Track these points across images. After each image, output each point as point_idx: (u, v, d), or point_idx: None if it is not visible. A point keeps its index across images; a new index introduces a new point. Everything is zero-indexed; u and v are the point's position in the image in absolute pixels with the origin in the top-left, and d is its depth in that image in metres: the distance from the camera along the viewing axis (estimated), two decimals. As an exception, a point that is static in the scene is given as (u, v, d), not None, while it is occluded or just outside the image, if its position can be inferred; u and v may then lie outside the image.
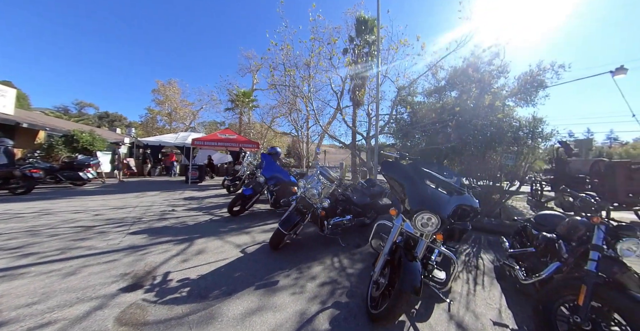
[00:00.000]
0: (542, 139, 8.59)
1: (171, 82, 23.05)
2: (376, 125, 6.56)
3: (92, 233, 3.08)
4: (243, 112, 20.23)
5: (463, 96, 9.24)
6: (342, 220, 3.26)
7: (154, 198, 6.04)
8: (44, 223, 3.49)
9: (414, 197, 1.86)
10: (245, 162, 7.53)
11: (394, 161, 2.15)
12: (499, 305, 2.17)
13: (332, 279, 2.32)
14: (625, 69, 8.22)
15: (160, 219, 3.93)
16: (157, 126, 22.98)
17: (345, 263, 2.70)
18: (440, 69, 10.16)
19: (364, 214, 3.63)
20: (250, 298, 1.90)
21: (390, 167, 2.10)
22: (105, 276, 2.06)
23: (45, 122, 11.41)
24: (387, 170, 2.10)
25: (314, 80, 9.18)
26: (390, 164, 2.12)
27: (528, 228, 2.79)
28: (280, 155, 5.28)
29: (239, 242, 3.05)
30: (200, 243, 2.92)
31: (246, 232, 3.46)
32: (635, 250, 1.66)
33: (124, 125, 32.90)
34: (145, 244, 2.79)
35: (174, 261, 2.40)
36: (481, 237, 4.13)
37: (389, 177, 2.05)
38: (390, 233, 2.05)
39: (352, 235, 3.59)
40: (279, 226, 2.62)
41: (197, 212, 4.57)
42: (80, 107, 45.77)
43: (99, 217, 3.91)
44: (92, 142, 10.36)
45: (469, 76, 9.36)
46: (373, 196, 3.78)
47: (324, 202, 2.75)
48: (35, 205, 4.75)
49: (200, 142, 10.13)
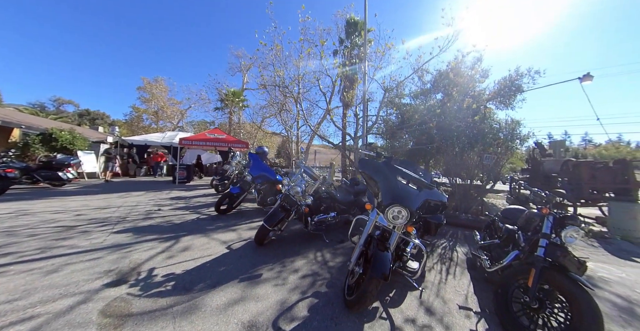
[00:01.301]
0: (520, 140, 9.09)
1: (158, 79, 22.41)
2: (364, 126, 6.75)
3: (74, 233, 3.05)
4: (233, 111, 20.01)
5: (446, 99, 9.63)
6: (327, 217, 3.39)
7: (139, 198, 5.94)
8: (22, 223, 3.41)
9: (386, 191, 2.01)
10: (233, 161, 7.54)
11: (370, 159, 2.31)
12: (466, 292, 2.37)
13: (313, 272, 2.45)
14: (591, 75, 8.85)
15: (145, 218, 3.91)
16: (142, 125, 22.29)
17: (328, 257, 2.83)
18: (426, 73, 10.54)
19: (348, 211, 3.78)
20: (234, 289, 1.99)
21: (366, 165, 2.25)
22: (89, 273, 2.09)
23: (20, 120, 10.86)
24: (363, 167, 2.25)
25: (304, 80, 9.27)
26: (366, 162, 2.27)
27: (496, 222, 3.04)
28: (267, 154, 5.35)
29: (225, 239, 3.12)
30: (186, 241, 2.97)
31: (233, 230, 3.52)
32: (576, 236, 1.89)
33: (107, 123, 31.66)
34: (130, 242, 2.81)
35: (159, 258, 2.45)
36: (458, 232, 4.39)
37: (365, 174, 2.20)
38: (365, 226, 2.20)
39: (336, 232, 3.73)
40: (264, 222, 2.72)
41: (183, 211, 4.57)
42: (58, 103, 43.52)
43: (80, 217, 3.85)
44: (72, 141, 9.97)
45: (452, 80, 9.78)
46: (357, 194, 3.94)
47: (308, 199, 2.87)
48: (10, 205, 4.58)
49: (188, 141, 9.98)
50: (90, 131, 16.95)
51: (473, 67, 9.40)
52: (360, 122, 8.74)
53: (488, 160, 7.34)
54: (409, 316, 1.86)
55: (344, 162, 15.17)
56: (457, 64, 9.72)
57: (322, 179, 3.07)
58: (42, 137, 9.57)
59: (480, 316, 1.96)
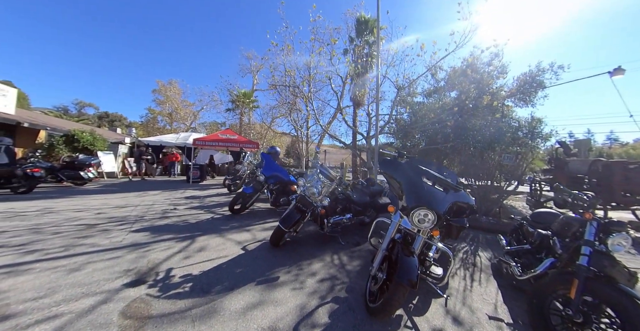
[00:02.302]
0: (541, 139, 8.65)
1: (172, 82, 23.07)
2: (376, 125, 6.60)
3: (94, 231, 3.12)
4: (244, 112, 20.28)
5: (462, 96, 9.30)
6: (342, 218, 3.31)
7: (155, 197, 6.08)
8: (47, 221, 3.53)
9: (411, 194, 1.90)
10: (245, 161, 7.58)
11: (392, 159, 2.20)
12: (495, 300, 2.21)
13: (331, 275, 2.37)
14: (622, 69, 8.28)
15: (162, 217, 3.97)
16: (157, 126, 23.01)
17: (345, 260, 2.74)
18: (440, 70, 10.23)
19: (363, 213, 3.68)
20: (252, 293, 1.94)
21: (389, 165, 2.15)
22: (109, 272, 2.10)
23: (46, 122, 11.44)
24: (385, 168, 2.15)
25: (315, 80, 9.22)
26: (388, 162, 2.17)
27: (524, 226, 2.85)
28: (279, 155, 5.32)
29: (240, 239, 3.09)
30: (202, 241, 2.97)
31: (247, 230, 3.50)
32: (625, 244, 1.70)
33: (124, 125, 32.94)
34: (148, 242, 2.83)
35: (177, 258, 2.45)
36: (479, 236, 4.18)
37: (387, 175, 2.10)
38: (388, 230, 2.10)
39: (351, 234, 3.63)
40: (279, 223, 2.66)
41: (198, 211, 4.61)
42: (80, 106, 45.82)
43: (101, 215, 3.95)
44: (93, 142, 10.39)
45: (468, 77, 9.43)
46: (373, 195, 3.83)
47: (324, 201, 2.79)
48: (37, 204, 4.79)
49: (201, 142, 10.17)
50: (109, 132, 17.66)
51: (490, 63, 9.03)
52: (372, 121, 8.59)
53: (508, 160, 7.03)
54: (436, 326, 1.74)
55: (354, 161, 15.02)
56: (474, 60, 9.37)
57: (338, 180, 2.99)
58: (65, 138, 10.04)
59: (513, 327, 1.81)
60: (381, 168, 2.14)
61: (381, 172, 2.16)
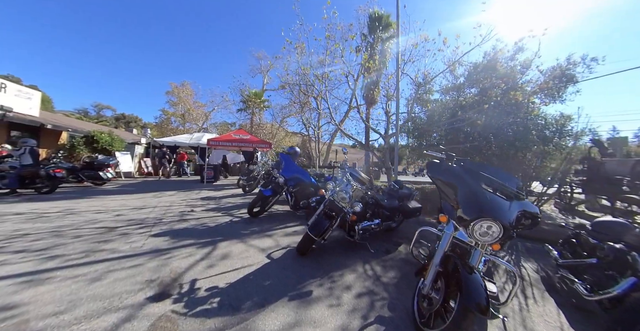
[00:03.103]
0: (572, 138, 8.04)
1: (184, 83, 23.48)
2: (396, 123, 6.28)
3: (114, 235, 3.03)
4: (255, 112, 20.33)
5: (483, 93, 8.81)
6: (371, 224, 3.06)
7: (172, 198, 6.04)
8: (68, 223, 3.49)
9: (470, 202, 1.64)
10: (260, 161, 7.46)
11: (443, 162, 1.93)
12: (560, 323, 1.92)
13: (368, 289, 2.13)
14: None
15: (180, 220, 3.86)
16: (171, 127, 23.47)
17: (379, 271, 2.50)
18: (459, 65, 9.74)
19: (392, 218, 3.41)
20: (285, 310, 1.74)
21: (439, 169, 1.89)
22: (131, 282, 1.96)
23: (68, 123, 11.80)
24: (434, 172, 1.89)
25: (330, 78, 8.99)
26: (438, 166, 1.91)
27: (582, 237, 2.50)
28: (299, 155, 5.12)
29: (263, 246, 2.91)
30: (224, 247, 2.80)
31: (268, 235, 3.32)
32: None
33: (140, 126, 33.89)
34: (169, 247, 2.70)
35: (200, 267, 2.28)
36: (517, 244, 3.83)
37: (439, 180, 1.84)
38: (433, 239, 1.84)
39: (378, 240, 3.38)
40: (309, 231, 2.45)
41: (216, 213, 4.49)
42: (98, 109, 47.67)
43: (120, 218, 3.89)
44: (111, 143, 10.61)
45: (491, 72, 8.92)
46: (401, 198, 3.56)
47: (356, 206, 2.56)
48: (59, 204, 4.82)
49: (215, 142, 10.17)
50: (126, 133, 18.13)
51: (514, 57, 8.50)
52: (391, 120, 8.26)
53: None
54: (505, 358, 1.47)
55: (367, 161, 14.67)
56: (496, 54, 8.87)
57: (370, 183, 2.75)
58: (85, 139, 10.29)
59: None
60: (430, 173, 1.88)
61: (429, 176, 1.90)
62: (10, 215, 3.87)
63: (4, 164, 5.93)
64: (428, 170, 1.93)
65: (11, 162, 6.01)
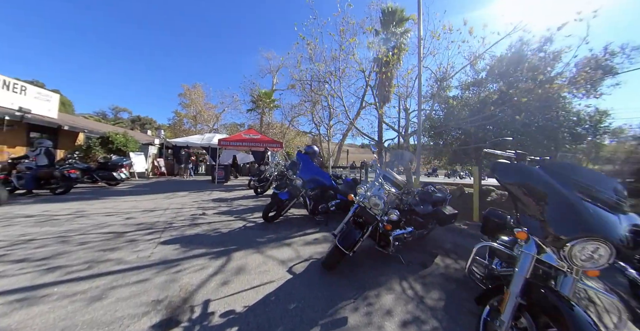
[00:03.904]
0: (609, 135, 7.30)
1: (196, 86, 23.78)
2: (418, 119, 5.80)
3: (122, 242, 2.79)
4: (264, 112, 20.25)
5: (508, 88, 8.21)
6: (403, 232, 2.67)
7: (183, 199, 5.86)
8: (77, 227, 3.30)
9: (566, 216, 1.23)
10: (272, 162, 7.18)
11: (512, 163, 1.53)
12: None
13: (413, 315, 1.75)
14: None
15: (191, 225, 3.61)
16: (183, 128, 23.84)
17: (419, 290, 2.11)
18: (481, 59, 9.11)
19: (425, 225, 3.00)
20: (319, 348, 1.39)
21: (512, 172, 1.48)
22: (135, 304, 1.67)
23: (84, 125, 12.04)
24: (506, 175, 1.48)
25: (345, 74, 8.62)
26: (509, 168, 1.50)
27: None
28: (317, 154, 4.77)
29: (282, 257, 2.58)
30: (239, 258, 2.50)
31: (287, 244, 2.99)
32: None
33: (154, 127, 34.73)
34: (178, 258, 2.42)
35: (213, 284, 1.98)
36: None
37: (513, 186, 1.44)
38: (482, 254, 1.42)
39: (409, 250, 2.99)
40: (338, 243, 2.09)
41: (228, 217, 4.22)
42: (116, 111, 49.44)
43: (130, 221, 3.68)
44: (126, 143, 10.69)
45: (517, 65, 8.30)
46: (435, 204, 3.14)
47: (392, 214, 2.18)
48: (71, 206, 4.71)
49: (226, 142, 10.03)
50: (140, 134, 18.46)
51: (541, 48, 7.84)
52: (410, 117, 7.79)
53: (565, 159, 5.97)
54: None
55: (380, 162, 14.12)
56: (522, 46, 8.23)
57: (407, 188, 2.37)
58: (101, 139, 10.43)
59: None
60: (499, 177, 1.48)
61: (500, 181, 1.50)
62: (20, 218, 3.75)
63: (21, 165, 5.95)
64: (496, 172, 1.52)
65: (27, 162, 6.02)
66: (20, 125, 8.29)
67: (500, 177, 1.52)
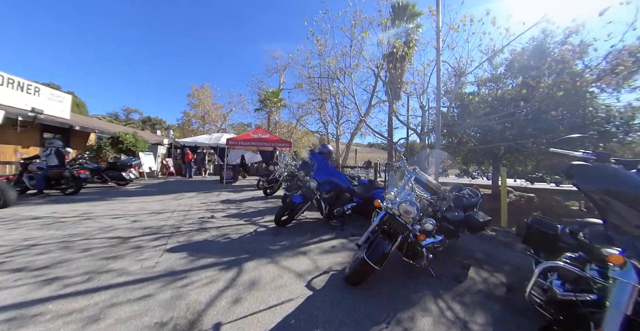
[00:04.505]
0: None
1: (204, 86, 23.92)
2: (438, 116, 5.43)
3: (126, 248, 2.61)
4: (272, 111, 20.13)
5: (530, 83, 7.72)
6: (434, 241, 2.37)
7: (191, 200, 5.71)
8: (81, 231, 3.15)
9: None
10: (282, 162, 6.95)
11: (601, 165, 1.22)
12: None
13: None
14: None
15: (199, 229, 3.41)
16: (192, 128, 24.03)
17: (459, 312, 1.81)
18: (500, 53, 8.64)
19: (455, 233, 2.69)
20: None
21: (597, 176, 1.17)
22: (136, 327, 1.45)
23: (95, 125, 12.17)
24: (588, 180, 1.18)
25: (358, 70, 8.32)
26: (592, 171, 1.19)
27: None
28: (332, 154, 4.50)
29: (299, 269, 2.32)
30: (251, 270, 2.26)
31: (302, 252, 2.73)
32: None
33: (164, 128, 35.29)
34: (185, 269, 2.20)
35: (224, 302, 1.74)
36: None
37: (599, 193, 1.13)
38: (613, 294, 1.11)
39: (437, 261, 2.68)
40: (366, 258, 1.81)
41: (237, 220, 4.01)
42: (127, 112, 50.62)
43: (136, 224, 3.52)
44: (135, 143, 10.72)
45: (539, 58, 7.80)
46: (466, 208, 2.82)
47: (427, 223, 1.89)
48: (79, 207, 4.62)
49: (234, 141, 9.89)
50: (150, 134, 18.67)
51: (566, 40, 7.31)
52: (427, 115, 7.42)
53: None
54: None
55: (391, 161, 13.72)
56: (545, 38, 7.73)
57: (444, 193, 2.07)
58: (111, 140, 10.49)
59: None
60: (579, 183, 1.18)
61: (580, 188, 1.19)
62: (27, 220, 3.65)
63: (32, 165, 5.94)
64: (573, 177, 1.22)
65: (39, 163, 6.01)
66: (33, 126, 8.38)
67: (580, 182, 1.21)
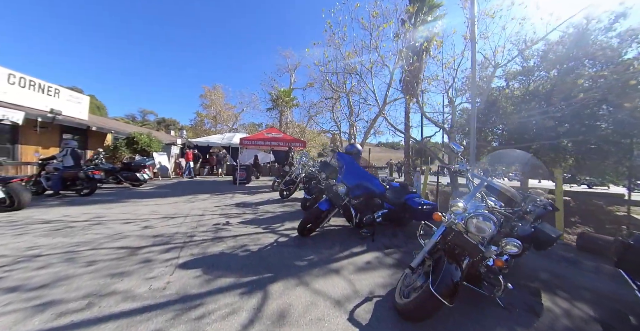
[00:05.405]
0: None
1: (216, 87, 24.10)
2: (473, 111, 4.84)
3: (135, 263, 2.29)
4: (283, 110, 19.92)
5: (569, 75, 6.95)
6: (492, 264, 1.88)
7: (204, 203, 5.44)
8: (89, 239, 2.90)
9: None
10: (298, 163, 6.59)
11: None
12: None
13: None
14: None
15: (214, 239, 3.07)
16: (204, 128, 24.27)
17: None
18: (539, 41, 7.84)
19: (523, 251, 2.18)
20: None
21: None
22: (138, 386, 1.09)
23: (111, 126, 12.33)
24: None
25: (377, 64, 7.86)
26: None
27: None
28: (361, 154, 4.05)
29: (335, 294, 1.91)
30: (278, 295, 1.86)
31: (334, 270, 2.32)
32: None
33: (177, 128, 36.01)
34: (200, 292, 1.84)
35: (249, 346, 1.36)
36: None
37: None
38: None
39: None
40: (434, 291, 1.36)
41: (255, 227, 3.65)
42: (143, 114, 52.26)
43: (147, 232, 3.24)
44: (149, 144, 10.73)
45: (580, 48, 7.02)
46: (534, 220, 2.30)
47: (510, 245, 1.43)
48: (91, 210, 4.44)
49: (248, 141, 9.64)
50: (164, 135, 18.91)
51: (611, 26, 6.50)
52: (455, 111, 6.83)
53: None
54: None
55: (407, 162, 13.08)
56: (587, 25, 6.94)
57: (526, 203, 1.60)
58: (126, 140, 10.55)
59: None
60: None
61: None
62: (37, 224, 3.46)
63: (49, 165, 5.89)
64: None
65: (55, 163, 5.95)
66: (53, 127, 8.47)
67: None
